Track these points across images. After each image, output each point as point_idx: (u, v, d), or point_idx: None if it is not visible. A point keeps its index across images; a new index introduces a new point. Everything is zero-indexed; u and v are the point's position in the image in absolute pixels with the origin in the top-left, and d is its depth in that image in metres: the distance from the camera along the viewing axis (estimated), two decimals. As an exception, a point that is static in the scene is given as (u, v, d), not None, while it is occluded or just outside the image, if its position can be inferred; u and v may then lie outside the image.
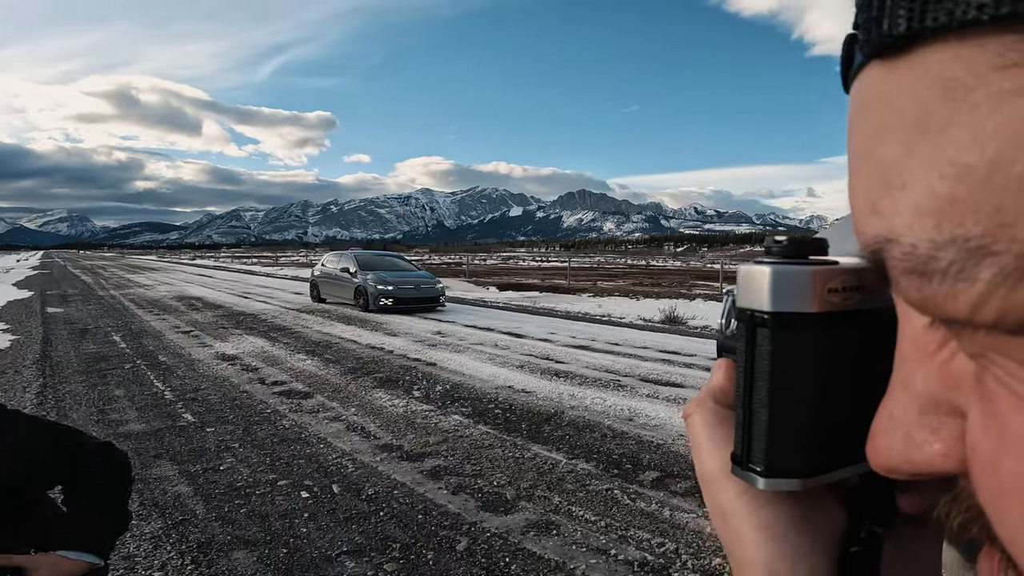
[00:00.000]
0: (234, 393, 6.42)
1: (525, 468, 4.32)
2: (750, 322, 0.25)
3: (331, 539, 3.27)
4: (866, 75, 0.18)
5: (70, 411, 5.64)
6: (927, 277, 0.16)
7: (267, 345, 9.38)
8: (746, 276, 0.26)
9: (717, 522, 0.30)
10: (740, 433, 0.27)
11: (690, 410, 0.32)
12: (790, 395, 0.25)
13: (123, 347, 9.15)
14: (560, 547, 3.22)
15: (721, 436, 0.30)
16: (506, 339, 10.18)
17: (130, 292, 19.58)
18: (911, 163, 0.16)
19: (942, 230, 0.15)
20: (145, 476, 4.09)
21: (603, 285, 25.34)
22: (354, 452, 4.64)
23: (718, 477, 0.30)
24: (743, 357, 0.26)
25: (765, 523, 0.28)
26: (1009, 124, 0.14)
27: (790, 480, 0.26)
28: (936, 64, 0.16)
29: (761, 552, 0.28)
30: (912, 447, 0.20)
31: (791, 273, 0.24)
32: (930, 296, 0.17)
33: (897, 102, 0.17)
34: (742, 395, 0.26)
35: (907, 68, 0.16)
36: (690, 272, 42.48)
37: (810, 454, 0.26)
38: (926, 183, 0.16)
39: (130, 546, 3.14)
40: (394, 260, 16.12)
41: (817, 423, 0.26)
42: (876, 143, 0.18)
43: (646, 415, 5.63)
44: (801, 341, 0.25)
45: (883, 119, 0.17)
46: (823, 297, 0.24)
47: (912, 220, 0.16)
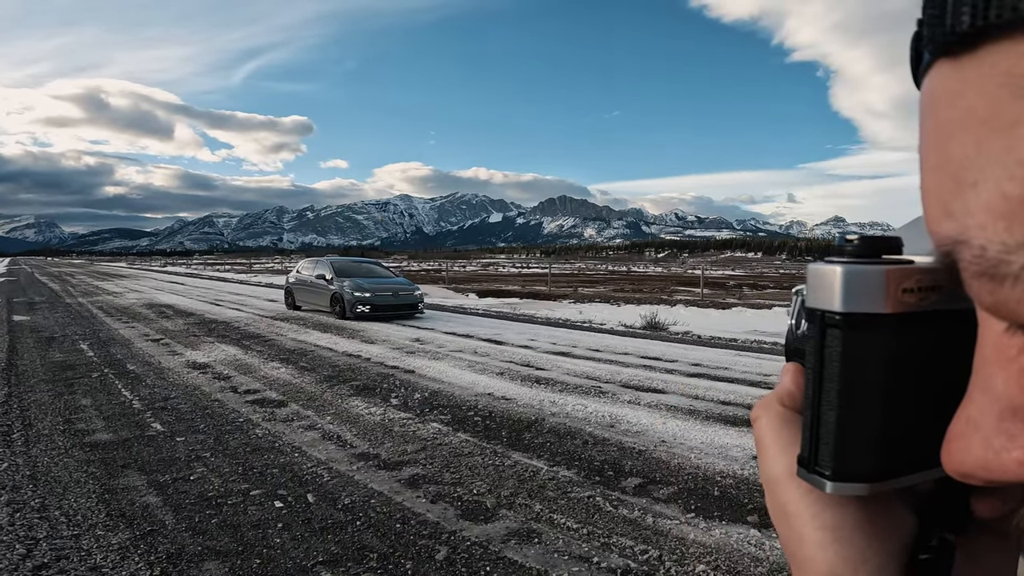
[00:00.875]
0: (205, 402, 6.25)
1: (505, 476, 4.26)
2: (820, 323, 0.25)
3: (306, 549, 3.17)
4: (934, 73, 0.18)
5: (35, 421, 5.43)
6: (998, 281, 0.16)
7: (240, 353, 9.18)
8: (816, 275, 0.25)
9: (779, 523, 0.29)
10: (807, 435, 0.26)
11: (757, 413, 0.32)
12: (860, 398, 0.25)
13: (91, 356, 8.88)
14: (542, 555, 3.15)
15: (787, 438, 0.30)
16: (486, 346, 10.11)
17: (98, 300, 19.10)
18: (982, 162, 0.16)
19: (1013, 232, 0.15)
20: (112, 486, 3.93)
21: (584, 291, 25.42)
22: (330, 461, 4.53)
23: (783, 478, 0.29)
24: (813, 358, 0.25)
25: (830, 525, 0.27)
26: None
27: (857, 484, 0.25)
28: (1003, 61, 0.15)
29: (824, 553, 0.27)
30: (989, 453, 0.20)
31: (863, 272, 0.24)
32: (1002, 301, 0.16)
33: (966, 100, 0.16)
34: (811, 397, 0.26)
35: (974, 65, 0.16)
36: (671, 278, 42.87)
37: (879, 458, 0.25)
38: (996, 183, 0.16)
39: (96, 557, 3.01)
40: (371, 267, 15.95)
41: (887, 427, 0.25)
42: (947, 142, 0.17)
43: (628, 421, 5.60)
44: (873, 343, 0.24)
45: (953, 118, 0.17)
46: (897, 297, 0.24)
47: (983, 221, 0.16)
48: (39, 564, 2.94)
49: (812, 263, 0.25)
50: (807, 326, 0.26)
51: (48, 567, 2.92)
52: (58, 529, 3.33)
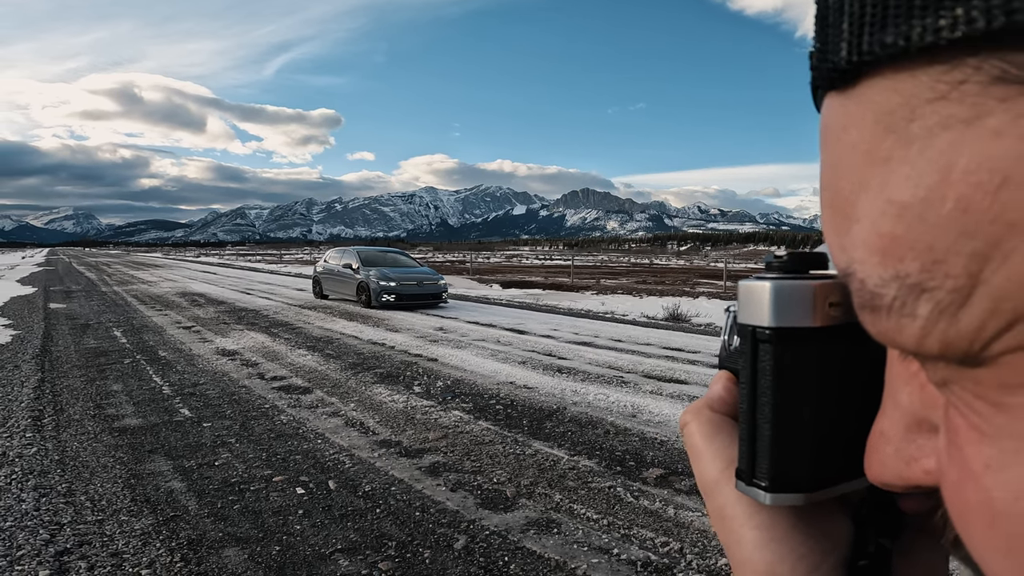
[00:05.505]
0: (232, 388, 6.34)
1: (526, 465, 4.23)
2: (752, 338, 0.25)
3: (325, 536, 3.18)
4: (826, 107, 0.18)
5: (67, 406, 5.57)
6: (877, 312, 0.17)
7: (268, 340, 9.31)
8: (747, 292, 0.25)
9: (717, 526, 0.30)
10: (744, 449, 0.26)
11: (686, 419, 0.32)
12: (794, 410, 0.25)
13: (123, 342, 9.09)
14: (561, 546, 3.12)
15: (719, 443, 0.30)
16: (508, 335, 10.09)
17: (133, 288, 19.56)
18: (862, 198, 0.17)
19: (886, 267, 0.16)
20: (139, 472, 4.01)
21: (606, 283, 25.23)
22: (352, 448, 4.55)
23: (719, 481, 0.29)
24: (746, 373, 0.26)
25: (766, 524, 0.27)
26: (937, 159, 0.14)
27: (795, 495, 0.26)
28: (877, 96, 0.16)
29: (761, 552, 0.27)
30: (901, 463, 0.21)
31: (792, 288, 0.24)
32: (882, 331, 0.17)
33: (849, 135, 0.17)
34: (746, 411, 0.26)
35: (856, 100, 0.17)
36: (693, 271, 42.35)
37: (814, 468, 0.26)
38: (872, 220, 0.16)
39: (119, 542, 3.07)
40: (397, 256, 16.02)
41: (822, 437, 0.25)
42: (836, 177, 0.18)
43: (649, 412, 5.53)
44: (804, 356, 0.24)
45: (840, 152, 0.17)
46: (824, 311, 0.24)
47: (862, 256, 0.17)
48: (61, 550, 3.00)
49: (743, 280, 0.25)
50: (739, 342, 0.26)
51: (70, 552, 2.98)
52: (83, 514, 3.40)
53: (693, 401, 0.32)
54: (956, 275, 0.14)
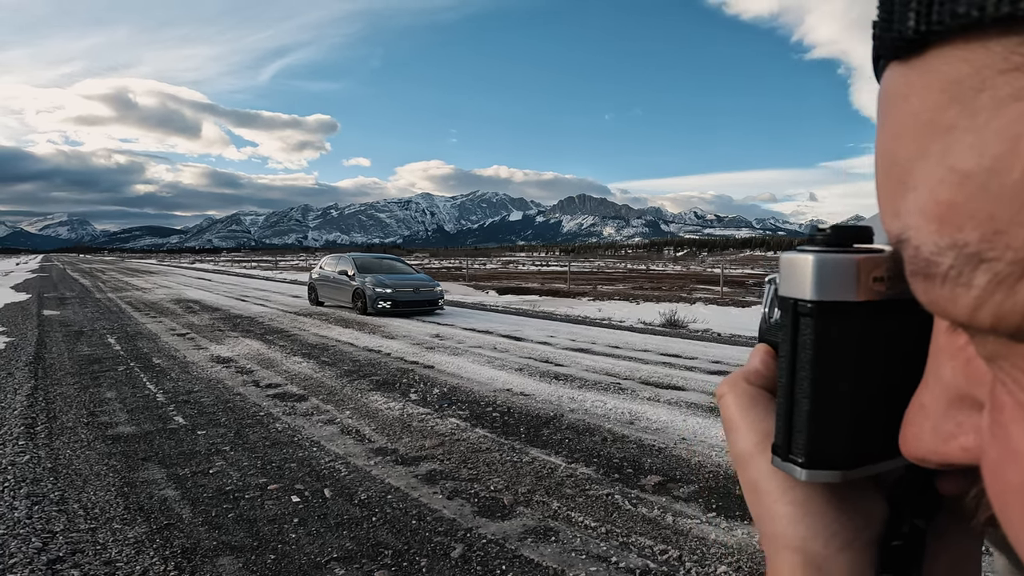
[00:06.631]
0: (227, 396, 6.30)
1: (523, 472, 4.20)
2: (793, 311, 0.25)
3: (321, 545, 3.15)
4: (887, 76, 0.19)
5: (60, 414, 5.52)
6: (931, 280, 0.17)
7: (263, 348, 9.27)
8: (789, 264, 0.25)
9: (750, 499, 0.30)
10: (781, 423, 0.26)
11: (723, 391, 0.32)
12: (833, 386, 0.25)
13: (117, 349, 9.04)
14: (559, 554, 3.10)
15: (755, 415, 0.30)
16: (505, 342, 10.07)
17: (128, 295, 19.48)
18: (921, 166, 0.17)
19: (943, 235, 0.16)
20: (132, 480, 3.97)
21: (603, 289, 25.25)
22: (348, 456, 4.52)
23: (753, 454, 0.29)
24: (786, 347, 0.25)
25: (800, 500, 0.27)
26: (1006, 130, 0.14)
27: (831, 472, 0.25)
28: (945, 66, 0.16)
29: (795, 528, 0.27)
30: (939, 439, 0.21)
31: (835, 261, 0.24)
32: (934, 299, 0.17)
33: (911, 104, 0.17)
34: (784, 385, 0.26)
35: (920, 70, 0.17)
36: (690, 276, 42.41)
37: (852, 446, 0.25)
38: (930, 187, 0.16)
39: (112, 551, 3.03)
40: (393, 263, 15.99)
41: (860, 415, 0.25)
42: (895, 144, 0.18)
43: (647, 418, 5.51)
44: (845, 330, 0.24)
45: (900, 120, 0.18)
46: (867, 286, 0.24)
47: (918, 223, 0.17)
48: (54, 558, 2.96)
49: (785, 252, 0.25)
50: (779, 314, 0.26)
51: (63, 560, 2.94)
52: (75, 522, 3.36)
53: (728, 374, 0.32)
54: (1017, 247, 0.14)
